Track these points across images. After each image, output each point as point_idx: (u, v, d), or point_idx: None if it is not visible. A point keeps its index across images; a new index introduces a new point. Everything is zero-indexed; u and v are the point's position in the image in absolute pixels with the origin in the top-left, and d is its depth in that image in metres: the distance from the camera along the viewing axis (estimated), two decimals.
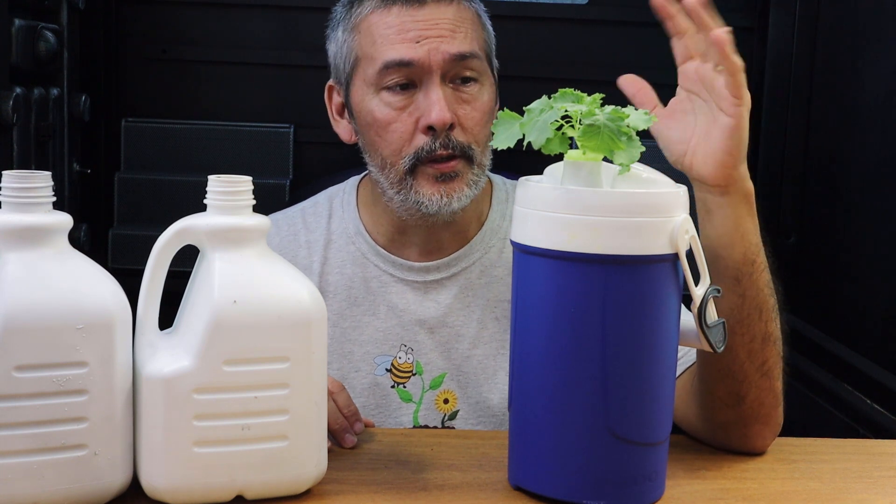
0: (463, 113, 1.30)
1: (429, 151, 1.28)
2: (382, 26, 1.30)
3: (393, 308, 1.37)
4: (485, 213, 1.41)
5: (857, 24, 2.03)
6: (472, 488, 1.01)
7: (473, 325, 1.37)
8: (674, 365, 0.98)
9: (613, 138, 0.91)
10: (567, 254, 0.92)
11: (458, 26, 1.31)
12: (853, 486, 1.05)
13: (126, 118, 2.24)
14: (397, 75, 1.29)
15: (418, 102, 1.29)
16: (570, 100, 0.94)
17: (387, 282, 1.38)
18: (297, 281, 0.96)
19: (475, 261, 1.38)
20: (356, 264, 1.39)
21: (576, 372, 0.93)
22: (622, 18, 2.30)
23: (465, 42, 1.30)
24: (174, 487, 0.92)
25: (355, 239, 1.40)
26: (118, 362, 0.91)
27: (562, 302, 0.93)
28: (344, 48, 1.35)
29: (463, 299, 1.37)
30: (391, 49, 1.29)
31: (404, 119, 1.30)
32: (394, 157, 1.30)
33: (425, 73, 1.29)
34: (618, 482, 0.95)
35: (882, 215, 1.87)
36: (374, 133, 1.32)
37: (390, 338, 1.37)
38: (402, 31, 1.29)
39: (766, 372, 1.11)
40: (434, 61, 1.28)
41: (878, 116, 1.90)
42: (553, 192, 0.93)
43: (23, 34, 1.78)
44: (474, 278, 1.38)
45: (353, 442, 1.11)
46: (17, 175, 0.89)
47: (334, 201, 1.44)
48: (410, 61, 1.28)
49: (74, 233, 1.42)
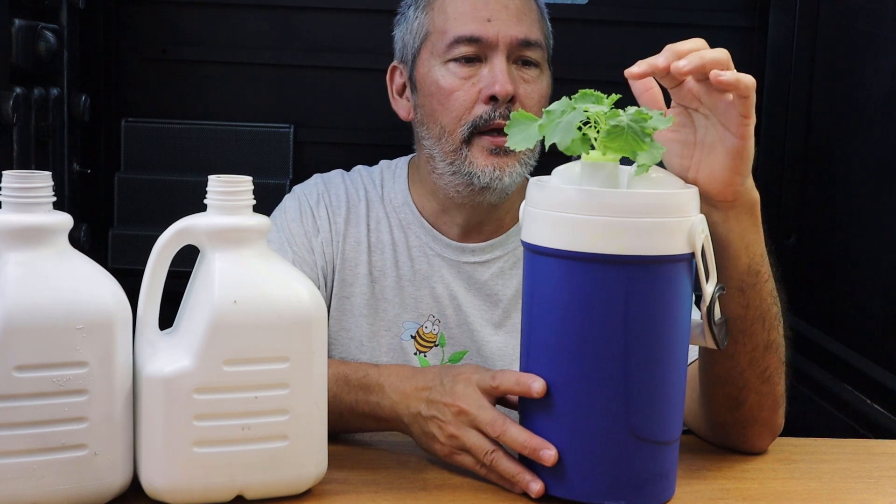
0: (523, 91, 1.35)
1: (487, 120, 1.33)
2: (458, 4, 1.37)
3: (428, 279, 1.42)
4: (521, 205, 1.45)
5: (857, 24, 2.03)
6: (472, 488, 1.01)
7: (499, 312, 1.41)
8: (686, 363, 0.99)
9: (637, 139, 0.91)
10: (588, 255, 0.91)
11: (526, 14, 1.37)
12: (853, 486, 1.05)
13: (126, 118, 2.24)
14: (465, 48, 1.35)
15: (482, 75, 1.35)
16: (590, 101, 0.94)
17: (427, 253, 1.42)
18: (297, 281, 0.96)
19: (510, 251, 1.43)
20: (402, 230, 1.44)
21: (595, 373, 0.93)
22: (622, 18, 2.30)
23: (531, 29, 1.37)
24: (174, 487, 0.92)
25: (402, 209, 1.45)
26: (118, 362, 0.91)
27: (580, 303, 0.93)
28: (415, 25, 1.41)
29: (493, 286, 1.42)
30: (463, 25, 1.35)
31: (468, 88, 1.35)
32: (453, 125, 1.35)
33: (492, 48, 1.34)
34: (635, 482, 0.95)
35: (882, 215, 1.87)
36: (436, 102, 1.37)
37: (421, 306, 1.41)
38: (475, 10, 1.35)
39: (767, 378, 1.11)
40: (502, 40, 1.34)
41: (878, 116, 1.90)
42: (573, 193, 0.93)
43: (23, 34, 1.78)
44: (507, 268, 1.42)
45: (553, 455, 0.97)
46: (17, 175, 0.89)
47: (385, 172, 1.50)
48: (480, 37, 1.34)
49: (74, 233, 1.42)
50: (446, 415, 1.05)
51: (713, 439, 1.16)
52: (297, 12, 2.25)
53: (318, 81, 1.47)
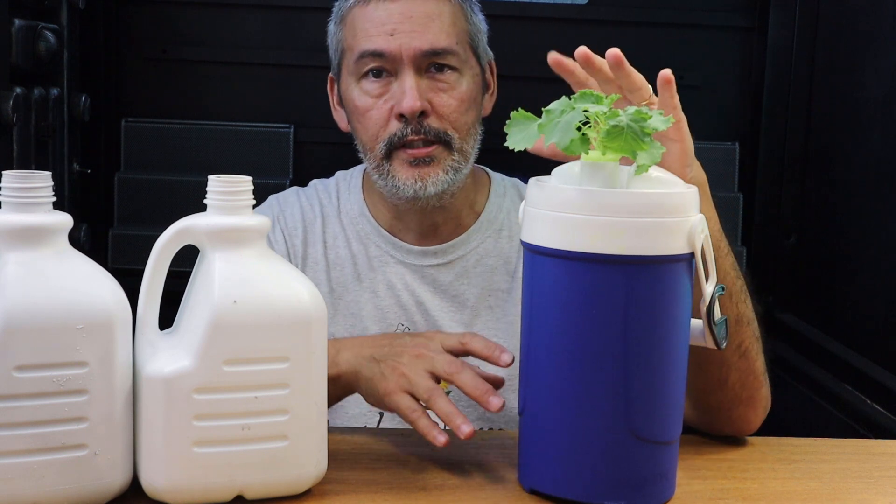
0: (438, 100, 1.35)
1: (400, 137, 1.34)
2: (363, 19, 1.36)
3: (392, 287, 1.41)
4: (481, 204, 1.47)
5: (857, 24, 2.03)
6: (472, 488, 1.01)
7: (467, 312, 1.41)
8: (686, 362, 0.99)
9: (637, 139, 0.91)
10: (588, 255, 0.91)
11: (434, 20, 1.35)
12: (853, 486, 1.05)
13: (126, 118, 2.24)
14: (372, 63, 1.35)
15: (393, 91, 1.35)
16: (590, 100, 0.93)
17: (387, 261, 1.42)
18: (297, 281, 0.96)
19: (471, 249, 1.43)
20: (360, 242, 1.44)
21: (596, 373, 0.93)
22: (622, 18, 2.30)
23: (439, 36, 1.35)
24: (174, 487, 0.92)
25: (359, 220, 1.45)
26: (118, 362, 0.91)
27: (580, 303, 0.93)
28: (334, 41, 1.43)
29: (458, 286, 1.42)
30: (368, 40, 1.35)
31: (380, 106, 1.35)
32: (371, 143, 1.37)
33: (398, 63, 1.34)
34: (635, 482, 0.95)
35: (882, 215, 1.87)
36: (355, 120, 1.39)
37: (388, 316, 1.41)
38: (379, 24, 1.35)
39: (744, 353, 1.13)
40: (405, 53, 1.34)
41: (878, 116, 1.90)
42: (573, 193, 0.93)
43: (23, 34, 1.78)
44: (470, 267, 1.42)
45: (500, 404, 1.05)
46: (17, 175, 0.89)
47: (341, 184, 1.50)
48: (382, 52, 1.35)
49: (74, 233, 1.42)
50: (403, 357, 1.10)
51: (701, 426, 1.18)
52: (297, 12, 2.25)
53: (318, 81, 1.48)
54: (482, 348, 1.10)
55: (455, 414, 1.05)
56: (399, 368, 1.10)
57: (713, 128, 2.31)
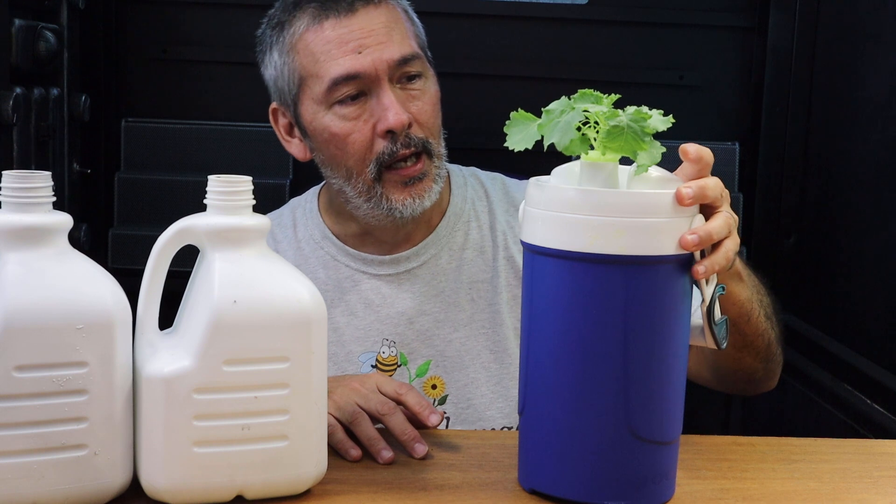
0: (416, 109, 1.32)
1: (391, 154, 1.30)
2: (321, 43, 1.31)
3: (369, 304, 1.39)
4: (445, 199, 1.44)
5: (857, 24, 2.03)
6: (472, 488, 1.01)
7: (450, 310, 1.39)
8: (686, 361, 0.99)
9: (637, 139, 0.91)
10: (588, 255, 0.91)
11: (393, 29, 1.32)
12: (853, 486, 1.05)
13: (126, 118, 2.24)
14: (347, 88, 1.30)
15: (372, 109, 1.31)
16: (589, 100, 0.93)
17: (359, 279, 1.40)
18: (297, 281, 0.96)
19: (443, 247, 1.41)
20: (327, 268, 1.41)
21: (596, 373, 0.93)
22: (622, 18, 2.30)
23: (403, 43, 1.32)
24: (174, 487, 0.92)
25: (323, 243, 1.42)
26: (118, 362, 0.91)
27: (580, 303, 0.93)
28: (285, 70, 1.35)
29: (436, 286, 1.40)
30: (335, 64, 1.30)
31: (361, 127, 1.31)
32: (359, 167, 1.32)
33: (373, 80, 1.30)
34: (635, 482, 0.95)
35: (882, 215, 1.87)
36: (334, 148, 1.33)
37: (371, 334, 1.38)
38: (341, 45, 1.30)
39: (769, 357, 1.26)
40: (380, 69, 1.30)
41: (878, 116, 1.90)
42: (573, 193, 0.93)
43: (23, 34, 1.78)
44: (444, 263, 1.40)
45: (424, 451, 1.08)
46: (17, 175, 0.89)
47: (297, 211, 1.47)
48: (357, 73, 1.29)
49: (74, 233, 1.42)
50: (337, 389, 1.13)
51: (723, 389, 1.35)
52: None
53: None
54: (415, 404, 1.12)
55: (377, 440, 1.08)
56: (331, 395, 1.11)
57: (713, 128, 2.31)
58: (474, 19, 2.25)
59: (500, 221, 1.43)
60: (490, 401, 1.37)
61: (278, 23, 1.37)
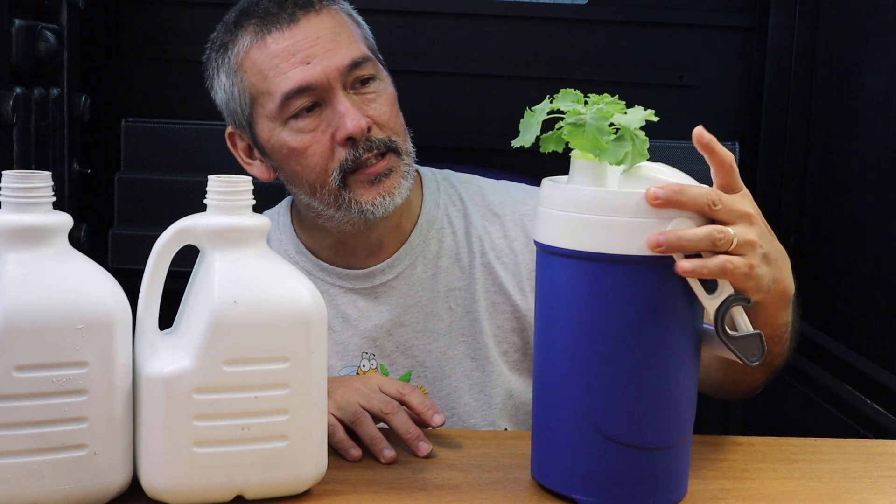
0: (374, 112, 1.29)
1: (353, 160, 1.28)
2: (267, 58, 1.28)
3: (347, 319, 1.37)
4: (417, 205, 1.41)
5: (857, 24, 2.03)
6: (472, 488, 1.01)
7: (428, 320, 1.37)
8: (697, 365, 0.98)
9: (597, 137, 0.91)
10: (603, 255, 0.91)
11: (338, 34, 1.29)
12: (853, 486, 1.05)
13: (126, 118, 2.24)
14: (300, 101, 1.27)
15: (328, 118, 1.28)
16: (570, 99, 0.94)
17: (335, 294, 1.38)
18: (297, 281, 0.96)
19: (417, 256, 1.39)
20: None
21: (608, 372, 0.93)
22: (622, 18, 2.30)
23: (351, 47, 1.29)
24: (174, 487, 0.92)
25: (297, 258, 1.40)
26: (118, 362, 0.91)
27: (594, 303, 0.93)
28: (235, 92, 1.33)
29: (413, 296, 1.38)
30: (285, 79, 1.27)
31: (319, 139, 1.28)
32: (322, 177, 1.29)
33: (326, 90, 1.27)
34: (641, 484, 0.95)
35: (882, 215, 1.87)
36: (293, 163, 1.30)
37: (350, 349, 1.37)
38: (288, 57, 1.27)
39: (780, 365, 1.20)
40: (331, 77, 1.27)
41: (878, 116, 1.90)
42: (588, 193, 0.93)
43: (23, 34, 1.78)
44: (419, 273, 1.38)
45: (427, 450, 1.09)
46: (17, 175, 0.89)
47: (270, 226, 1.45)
48: (309, 84, 1.26)
49: (74, 233, 1.42)
50: (339, 389, 1.13)
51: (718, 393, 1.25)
52: None
53: None
54: (418, 404, 1.12)
55: (379, 439, 1.08)
56: (332, 395, 1.11)
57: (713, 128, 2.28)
58: (475, 19, 2.25)
59: (475, 227, 1.40)
60: (473, 409, 1.37)
61: (221, 44, 1.34)
